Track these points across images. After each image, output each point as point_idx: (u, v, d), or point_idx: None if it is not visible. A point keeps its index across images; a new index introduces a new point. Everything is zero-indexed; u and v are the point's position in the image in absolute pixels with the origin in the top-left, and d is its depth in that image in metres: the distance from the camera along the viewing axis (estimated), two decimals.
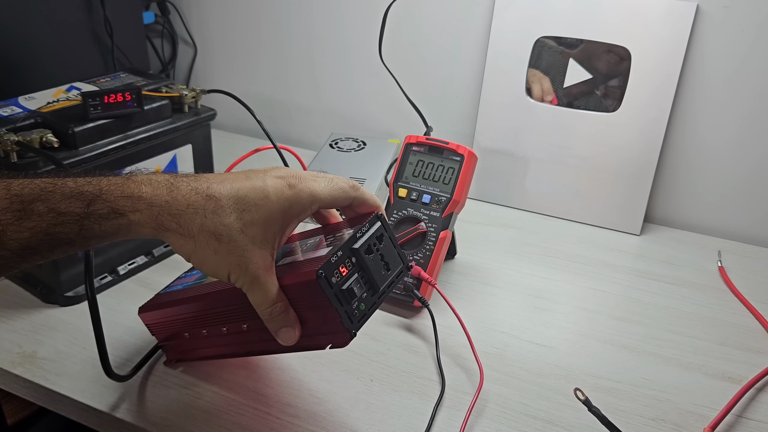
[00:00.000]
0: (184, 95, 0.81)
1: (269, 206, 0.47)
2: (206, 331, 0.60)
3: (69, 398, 0.62)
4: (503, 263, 0.86)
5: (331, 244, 0.51)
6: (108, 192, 0.45)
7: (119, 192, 0.45)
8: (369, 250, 0.51)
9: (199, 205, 0.46)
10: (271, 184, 0.48)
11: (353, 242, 0.50)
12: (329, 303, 0.48)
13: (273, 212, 0.48)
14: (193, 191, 0.46)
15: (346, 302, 0.49)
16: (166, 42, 1.27)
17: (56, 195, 0.43)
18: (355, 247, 0.50)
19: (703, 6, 0.88)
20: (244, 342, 0.58)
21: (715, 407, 0.63)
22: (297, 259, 0.52)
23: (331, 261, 0.48)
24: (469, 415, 0.60)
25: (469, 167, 0.75)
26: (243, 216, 0.46)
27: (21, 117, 0.71)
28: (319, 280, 0.47)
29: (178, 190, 0.46)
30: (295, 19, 1.14)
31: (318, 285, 0.47)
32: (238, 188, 0.47)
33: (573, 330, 0.74)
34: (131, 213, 0.45)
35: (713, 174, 0.95)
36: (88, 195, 0.44)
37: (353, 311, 0.49)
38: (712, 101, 0.91)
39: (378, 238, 0.52)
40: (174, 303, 0.61)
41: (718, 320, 0.77)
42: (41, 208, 0.43)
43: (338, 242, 0.50)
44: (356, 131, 1.15)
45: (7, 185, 0.43)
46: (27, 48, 0.93)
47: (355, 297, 0.50)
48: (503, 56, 0.98)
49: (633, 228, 0.95)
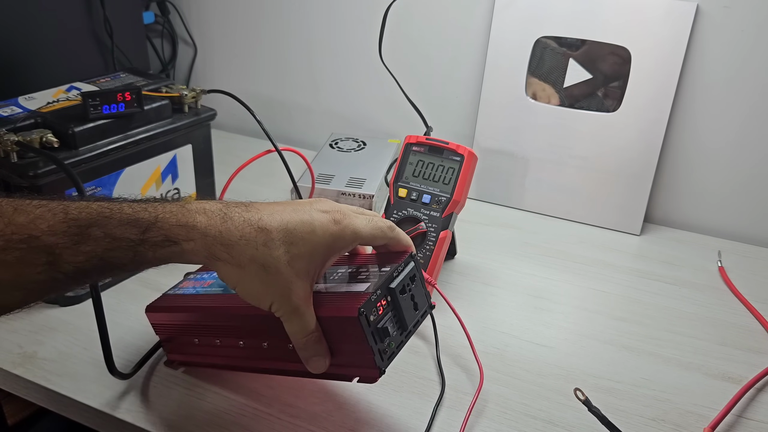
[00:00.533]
0: (184, 95, 0.81)
1: (315, 240, 0.49)
2: (219, 341, 0.60)
3: (69, 398, 0.62)
4: (503, 263, 0.86)
5: (365, 280, 0.53)
6: (163, 220, 0.45)
7: (174, 220, 0.46)
8: (403, 290, 0.53)
9: (251, 237, 0.47)
10: (318, 219, 0.50)
11: (390, 281, 0.52)
12: (365, 340, 0.49)
13: (318, 246, 0.49)
14: (245, 223, 0.48)
15: (380, 340, 0.51)
16: (166, 42, 1.27)
17: (113, 221, 0.44)
18: (392, 287, 0.52)
19: (703, 6, 0.88)
20: (260, 358, 0.59)
21: (715, 407, 0.63)
22: (330, 290, 0.53)
23: (371, 299, 0.50)
24: (469, 415, 0.60)
25: (469, 167, 0.75)
26: (291, 249, 0.48)
27: (21, 117, 0.71)
28: (360, 318, 0.48)
29: (231, 220, 0.47)
30: (296, 19, 1.14)
31: (358, 322, 0.49)
32: (287, 221, 0.49)
33: (573, 330, 0.74)
34: (185, 242, 0.46)
35: (713, 174, 0.95)
36: (143, 222, 0.45)
37: (384, 349, 0.51)
38: (712, 101, 0.91)
39: (411, 278, 0.54)
40: (189, 309, 0.61)
41: (718, 320, 0.77)
42: (97, 233, 0.43)
43: (373, 278, 0.52)
44: (356, 131, 1.15)
45: (64, 208, 0.44)
46: (27, 48, 0.93)
47: (388, 336, 0.52)
48: (503, 56, 0.98)
49: (633, 228, 0.95)
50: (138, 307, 0.68)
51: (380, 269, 0.54)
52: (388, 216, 0.76)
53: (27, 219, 0.42)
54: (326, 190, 0.91)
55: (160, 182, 0.80)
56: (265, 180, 1.01)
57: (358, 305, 0.49)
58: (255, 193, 0.99)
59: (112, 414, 0.60)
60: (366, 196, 0.90)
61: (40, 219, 0.42)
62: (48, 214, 0.43)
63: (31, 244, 0.41)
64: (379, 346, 0.50)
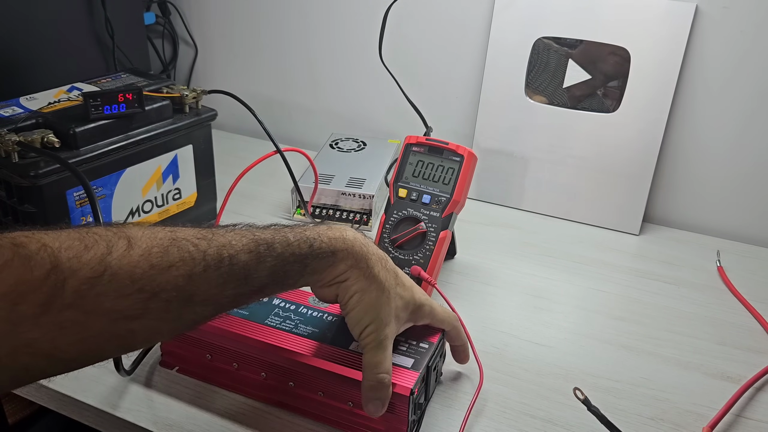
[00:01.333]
0: (184, 95, 0.81)
1: (409, 296, 0.57)
2: (237, 365, 0.61)
3: (70, 397, 0.62)
4: (503, 263, 0.86)
5: (406, 353, 0.59)
6: (322, 234, 0.52)
7: (330, 233, 0.52)
8: (435, 366, 0.61)
9: (381, 256, 0.55)
10: (416, 286, 0.59)
11: (430, 361, 0.58)
12: (406, 412, 0.56)
13: (410, 303, 0.57)
14: (376, 250, 0.56)
15: (413, 413, 0.57)
16: (166, 42, 1.27)
17: (288, 237, 0.50)
18: (429, 365, 0.58)
19: (702, 6, 0.88)
20: (280, 393, 0.60)
21: (714, 406, 0.63)
22: None
23: (420, 380, 0.56)
24: (468, 414, 0.60)
25: (469, 167, 0.75)
26: (397, 288, 0.55)
27: (22, 117, 0.71)
28: (410, 397, 0.55)
29: (367, 246, 0.54)
30: (296, 20, 1.15)
31: (408, 400, 0.55)
32: (397, 271, 0.57)
33: (572, 330, 0.74)
34: (340, 251, 0.52)
35: (712, 174, 0.95)
36: (309, 237, 0.51)
37: (414, 420, 0.58)
38: (711, 101, 0.92)
39: (440, 355, 0.62)
40: (215, 330, 0.60)
41: (717, 320, 0.77)
42: (279, 249, 0.49)
43: (413, 353, 0.59)
44: (356, 131, 1.15)
45: (250, 230, 0.49)
46: (28, 48, 0.93)
47: (419, 408, 0.59)
48: (503, 56, 0.98)
49: (632, 228, 0.95)
50: None
51: (419, 344, 0.60)
52: (388, 216, 0.76)
53: (225, 240, 0.46)
54: (326, 190, 0.91)
55: (161, 182, 0.80)
56: (266, 180, 1.01)
57: (409, 384, 0.55)
58: (256, 193, 0.99)
59: (113, 413, 0.60)
60: (366, 196, 0.90)
61: (234, 240, 0.47)
62: (237, 236, 0.47)
63: (232, 261, 0.45)
64: (412, 417, 0.57)
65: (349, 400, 0.57)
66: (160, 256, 0.42)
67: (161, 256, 0.42)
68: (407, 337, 0.60)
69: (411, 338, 0.60)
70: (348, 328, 0.55)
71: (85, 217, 0.72)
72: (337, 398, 0.58)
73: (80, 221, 0.72)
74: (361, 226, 0.91)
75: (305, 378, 0.58)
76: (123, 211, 0.77)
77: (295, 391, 0.59)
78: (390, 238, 0.75)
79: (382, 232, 0.76)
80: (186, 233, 0.45)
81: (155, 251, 0.42)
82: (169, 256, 0.43)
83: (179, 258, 0.43)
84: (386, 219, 0.76)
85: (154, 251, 0.42)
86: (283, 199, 0.99)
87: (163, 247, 0.43)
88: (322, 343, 0.59)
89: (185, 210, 0.85)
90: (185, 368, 0.65)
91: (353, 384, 0.56)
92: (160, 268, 0.42)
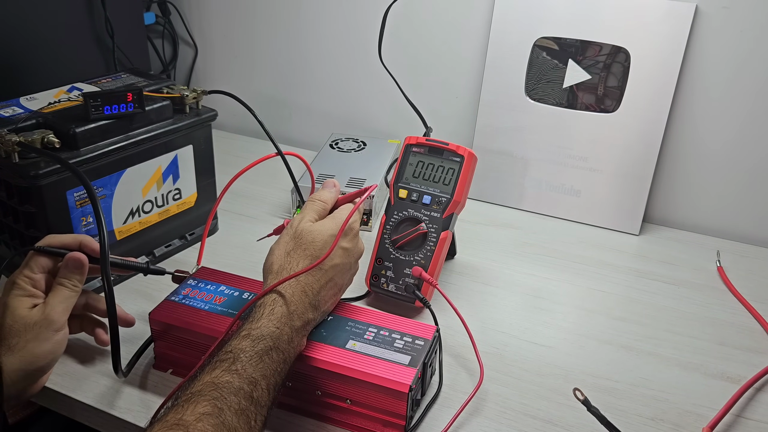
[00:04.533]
0: (185, 96, 0.81)
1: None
2: None
3: (69, 398, 0.62)
4: (503, 263, 0.86)
5: (402, 350, 0.59)
6: (262, 327, 0.55)
7: (291, 324, 0.56)
8: (431, 363, 0.61)
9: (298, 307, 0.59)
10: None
11: (426, 358, 0.59)
12: (405, 409, 0.56)
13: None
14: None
15: (411, 409, 0.58)
16: (166, 42, 1.27)
17: (283, 339, 0.54)
18: (426, 362, 0.59)
19: (702, 7, 0.88)
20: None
21: (714, 407, 0.63)
22: (373, 354, 0.59)
23: (417, 376, 0.57)
24: (460, 411, 0.60)
25: (469, 168, 0.75)
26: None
27: (22, 117, 0.71)
28: (409, 394, 0.56)
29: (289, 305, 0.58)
30: (295, 20, 1.14)
31: (406, 396, 0.56)
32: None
33: (572, 330, 0.74)
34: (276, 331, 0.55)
35: (712, 174, 0.95)
36: (290, 329, 0.56)
37: (411, 416, 0.59)
38: (711, 102, 0.92)
39: (435, 352, 0.62)
40: (207, 332, 0.61)
41: (716, 320, 0.77)
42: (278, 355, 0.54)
43: (409, 350, 0.59)
44: (356, 131, 1.15)
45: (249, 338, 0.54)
46: (28, 49, 0.93)
47: (417, 405, 0.60)
48: (503, 56, 0.98)
49: (632, 228, 0.96)
50: (135, 308, 0.69)
51: (414, 341, 0.60)
52: (388, 217, 0.76)
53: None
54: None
55: (161, 183, 0.80)
56: (266, 180, 1.01)
57: (407, 381, 0.55)
58: (256, 194, 0.99)
59: (112, 413, 0.60)
60: None
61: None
62: (242, 350, 0.52)
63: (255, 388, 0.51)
64: (410, 413, 0.58)
65: (347, 398, 0.58)
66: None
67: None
68: (403, 335, 0.61)
69: (407, 335, 0.61)
70: (344, 327, 0.61)
71: (85, 217, 0.72)
72: (335, 396, 0.58)
73: (80, 221, 0.72)
74: (361, 226, 0.91)
75: (302, 377, 0.58)
76: (123, 211, 0.77)
77: (292, 390, 0.60)
78: (391, 239, 0.75)
79: (382, 233, 0.76)
80: None
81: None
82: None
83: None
84: (387, 220, 0.77)
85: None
86: (283, 199, 0.99)
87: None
88: (318, 342, 0.59)
89: (185, 210, 0.85)
90: (179, 371, 0.65)
91: (351, 382, 0.57)
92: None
